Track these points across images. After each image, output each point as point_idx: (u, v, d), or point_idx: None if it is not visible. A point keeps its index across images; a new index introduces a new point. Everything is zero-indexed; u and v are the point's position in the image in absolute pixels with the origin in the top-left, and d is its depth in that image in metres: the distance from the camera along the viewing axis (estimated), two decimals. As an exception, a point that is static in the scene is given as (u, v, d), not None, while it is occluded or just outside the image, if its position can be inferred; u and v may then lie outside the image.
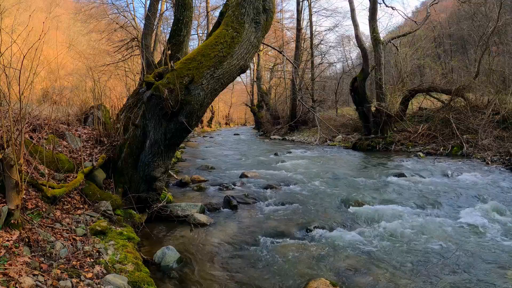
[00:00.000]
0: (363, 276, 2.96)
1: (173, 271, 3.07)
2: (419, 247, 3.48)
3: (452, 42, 28.45)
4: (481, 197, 5.11)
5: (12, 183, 2.50)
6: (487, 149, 8.62)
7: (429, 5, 14.57)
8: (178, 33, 5.67)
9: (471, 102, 11.28)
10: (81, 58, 14.16)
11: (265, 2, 4.03)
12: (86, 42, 22.55)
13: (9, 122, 2.84)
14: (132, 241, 3.29)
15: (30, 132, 4.47)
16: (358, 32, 13.38)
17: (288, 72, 22.81)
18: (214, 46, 3.75)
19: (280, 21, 26.57)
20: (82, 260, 2.59)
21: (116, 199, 3.94)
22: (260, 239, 3.78)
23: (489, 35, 12.98)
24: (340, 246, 3.57)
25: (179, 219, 4.36)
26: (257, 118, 27.31)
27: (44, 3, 30.06)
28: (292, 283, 2.86)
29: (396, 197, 5.25)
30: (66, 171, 4.08)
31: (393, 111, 11.83)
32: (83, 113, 6.83)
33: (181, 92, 3.57)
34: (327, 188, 5.98)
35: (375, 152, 10.86)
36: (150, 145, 4.00)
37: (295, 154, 11.05)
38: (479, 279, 2.84)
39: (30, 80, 3.08)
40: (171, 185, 6.40)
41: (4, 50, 2.91)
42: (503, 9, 12.53)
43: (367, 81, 13.67)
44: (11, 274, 2.03)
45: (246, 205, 5.16)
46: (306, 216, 4.52)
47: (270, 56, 30.99)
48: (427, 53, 20.09)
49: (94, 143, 5.39)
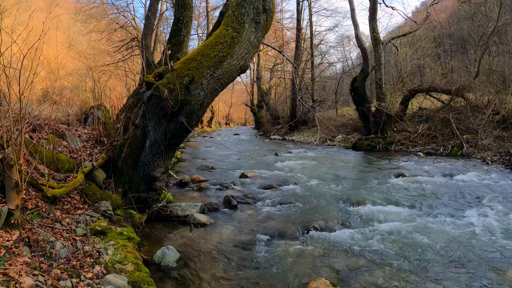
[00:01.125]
0: (363, 276, 2.96)
1: (173, 271, 3.07)
2: (419, 247, 3.47)
3: (452, 42, 28.46)
4: (481, 197, 5.11)
5: (12, 183, 2.50)
6: (487, 149, 8.62)
7: (429, 5, 14.56)
8: (178, 33, 5.68)
9: (471, 102, 11.27)
10: (81, 58, 14.16)
11: (265, 2, 4.03)
12: (86, 42, 22.55)
13: (9, 122, 2.84)
14: (132, 241, 3.29)
15: (30, 132, 4.47)
16: (358, 32, 13.38)
17: (288, 72, 22.81)
18: (214, 46, 3.75)
19: (280, 21, 26.58)
20: (82, 260, 2.59)
21: (116, 199, 3.94)
22: (260, 239, 3.78)
23: (489, 35, 12.98)
24: (340, 246, 3.57)
25: (179, 219, 4.36)
26: (257, 118, 27.31)
27: (44, 3, 30.06)
28: (292, 283, 2.86)
29: (396, 197, 5.25)
30: (66, 171, 4.08)
31: (393, 111, 11.83)
32: (83, 113, 6.83)
33: (181, 92, 3.57)
34: (327, 188, 5.98)
35: (375, 152, 10.86)
36: (150, 145, 4.00)
37: (295, 154, 11.05)
38: (479, 279, 2.84)
39: (30, 80, 3.08)
40: (171, 185, 6.40)
41: (4, 50, 2.91)
42: (503, 9, 12.51)
43: (367, 81, 13.66)
44: (11, 274, 2.03)
45: (246, 205, 5.16)
46: (306, 216, 4.51)
47: (270, 56, 31.00)
48: (427, 53, 20.07)
49: (94, 143, 5.39)
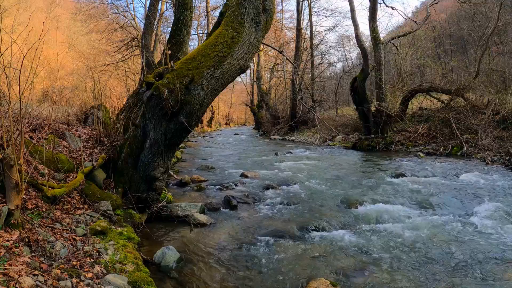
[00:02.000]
0: (363, 276, 2.96)
1: (173, 271, 3.07)
2: (419, 247, 3.48)
3: (452, 42, 28.48)
4: (481, 197, 5.11)
5: (12, 183, 2.50)
6: (487, 149, 8.62)
7: (429, 5, 14.57)
8: (178, 33, 5.68)
9: (471, 102, 11.27)
10: (81, 58, 14.18)
11: (265, 2, 4.03)
12: (86, 42, 22.56)
13: (9, 122, 2.84)
14: (132, 241, 3.29)
15: (30, 132, 4.47)
16: (358, 32, 13.38)
17: (288, 72, 22.81)
18: (214, 46, 3.75)
19: (280, 21, 26.57)
20: (82, 260, 2.59)
21: (116, 199, 3.93)
22: (260, 239, 3.78)
23: (489, 35, 12.98)
24: (340, 246, 3.57)
25: (179, 219, 4.36)
26: (257, 118, 27.31)
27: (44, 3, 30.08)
28: (292, 283, 2.86)
29: (396, 197, 5.25)
30: (66, 171, 4.08)
31: (393, 111, 11.83)
32: (83, 113, 6.82)
33: (181, 92, 3.57)
34: (327, 188, 5.98)
35: (375, 152, 10.86)
36: (150, 145, 4.00)
37: (295, 154, 11.05)
38: (479, 279, 2.84)
39: (30, 80, 3.08)
40: (171, 185, 6.40)
41: (4, 50, 2.91)
42: (503, 9, 12.51)
43: (367, 81, 13.66)
44: (11, 274, 2.03)
45: (246, 205, 5.16)
46: (306, 216, 4.51)
47: (270, 56, 31.00)
48: (427, 53, 20.08)
49: (94, 143, 5.39)
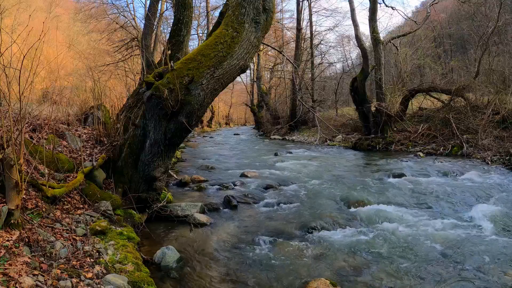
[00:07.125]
0: (363, 276, 2.96)
1: (173, 271, 3.07)
2: (419, 247, 3.48)
3: (452, 42, 28.50)
4: (481, 197, 5.11)
5: (12, 183, 2.50)
6: (487, 149, 8.61)
7: (429, 5, 14.58)
8: (178, 33, 5.68)
9: (471, 102, 11.26)
10: (81, 58, 14.17)
11: (265, 2, 4.03)
12: (86, 42, 22.57)
13: (9, 122, 2.84)
14: (132, 241, 3.29)
15: (30, 132, 4.47)
16: (358, 32, 13.39)
17: (288, 72, 22.78)
18: (214, 46, 3.75)
19: (280, 21, 26.53)
20: (82, 260, 2.59)
21: (116, 199, 3.93)
22: (260, 238, 3.78)
23: (489, 35, 12.99)
24: (340, 246, 3.57)
25: (179, 219, 4.36)
26: (257, 118, 27.30)
27: (44, 3, 30.09)
28: (292, 283, 2.86)
29: (396, 197, 5.25)
30: (66, 171, 4.08)
31: (393, 111, 11.83)
32: (83, 113, 6.82)
33: (181, 92, 3.57)
34: (327, 188, 5.98)
35: (375, 152, 10.86)
36: (150, 145, 4.00)
37: (295, 154, 11.05)
38: (479, 279, 2.84)
39: (30, 80, 3.07)
40: (171, 185, 6.40)
41: (4, 50, 2.91)
42: (503, 9, 12.53)
43: (367, 81, 13.68)
44: (11, 274, 2.03)
45: (246, 205, 5.16)
46: (306, 216, 4.51)
47: (270, 56, 30.98)
48: (427, 53, 20.08)
49: (94, 143, 5.39)
